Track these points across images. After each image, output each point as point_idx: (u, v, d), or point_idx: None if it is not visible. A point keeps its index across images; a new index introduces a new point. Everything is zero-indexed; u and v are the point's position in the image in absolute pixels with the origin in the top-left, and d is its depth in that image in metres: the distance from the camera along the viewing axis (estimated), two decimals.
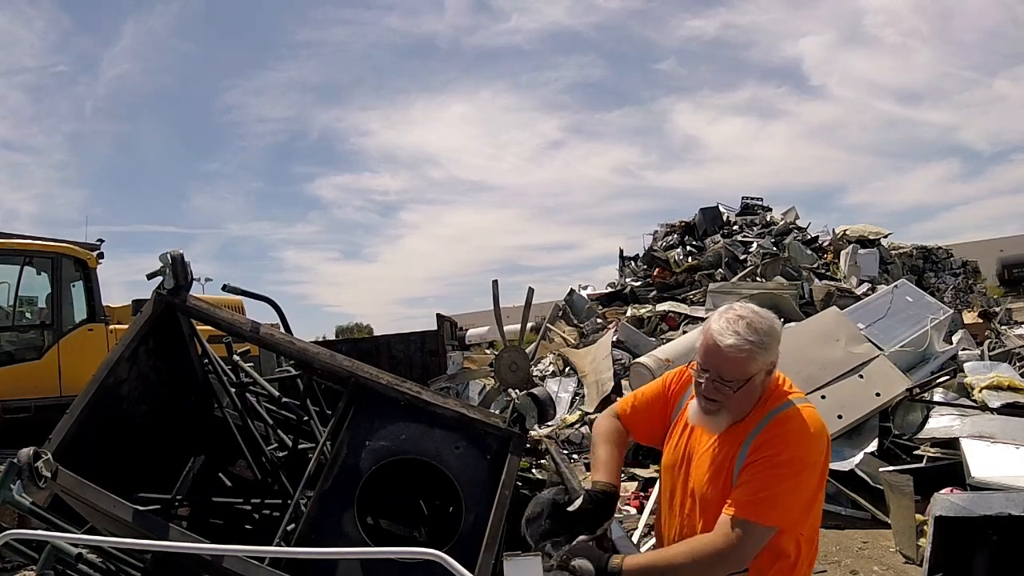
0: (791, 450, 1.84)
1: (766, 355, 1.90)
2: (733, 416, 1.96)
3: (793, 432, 1.88)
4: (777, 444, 1.86)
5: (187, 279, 3.30)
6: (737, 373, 1.89)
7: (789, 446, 1.85)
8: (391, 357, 11.06)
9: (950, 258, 17.87)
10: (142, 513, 2.67)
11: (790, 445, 1.85)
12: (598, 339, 12.48)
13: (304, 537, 2.80)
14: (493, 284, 7.57)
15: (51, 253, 8.58)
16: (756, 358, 1.88)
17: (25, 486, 2.39)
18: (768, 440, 1.88)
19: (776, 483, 1.81)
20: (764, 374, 1.94)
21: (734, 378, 1.89)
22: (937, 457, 6.18)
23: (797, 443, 1.86)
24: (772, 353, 1.92)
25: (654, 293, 15.13)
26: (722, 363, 1.89)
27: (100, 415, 3.10)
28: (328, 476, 2.94)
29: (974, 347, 9.59)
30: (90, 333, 8.51)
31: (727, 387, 1.90)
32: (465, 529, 2.84)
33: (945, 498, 4.24)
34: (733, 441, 1.96)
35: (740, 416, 1.97)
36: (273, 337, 3.37)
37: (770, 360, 1.93)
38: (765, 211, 17.93)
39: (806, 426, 1.89)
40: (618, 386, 10.22)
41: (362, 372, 3.14)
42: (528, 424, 3.01)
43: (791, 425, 1.90)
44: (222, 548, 2.58)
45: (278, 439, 4.01)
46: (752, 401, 1.96)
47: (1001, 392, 6.91)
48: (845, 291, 11.97)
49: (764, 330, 1.91)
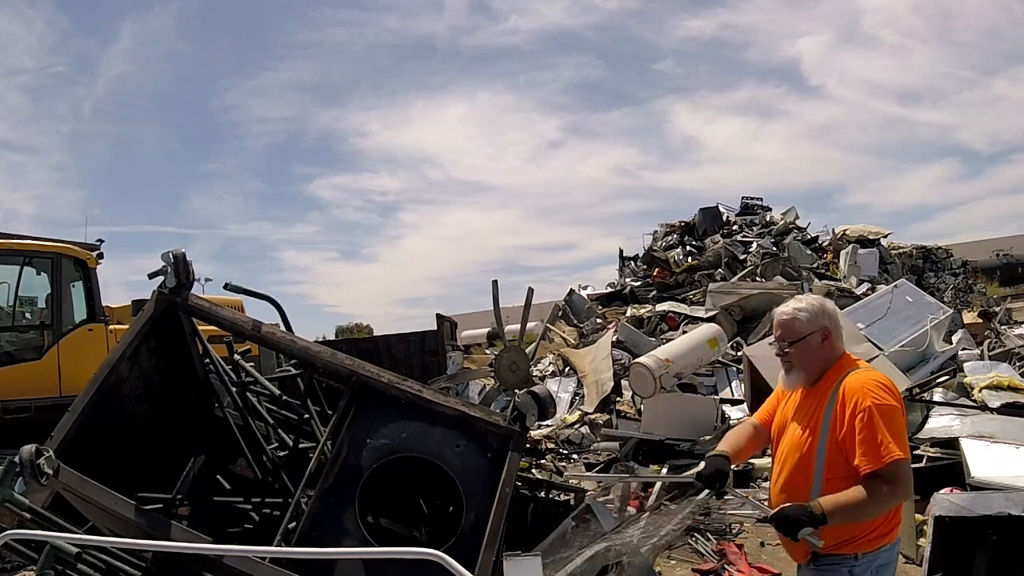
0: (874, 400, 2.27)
1: (813, 319, 2.46)
2: (804, 371, 2.49)
3: (870, 386, 2.32)
4: (862, 399, 2.28)
5: (189, 278, 3.30)
6: (788, 333, 2.49)
7: (871, 397, 2.28)
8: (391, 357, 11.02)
9: (950, 258, 17.87)
10: (144, 511, 2.68)
11: (871, 396, 2.28)
12: (598, 339, 12.48)
13: (305, 536, 2.80)
14: (493, 284, 7.55)
15: (51, 253, 8.57)
16: (801, 319, 2.47)
17: (27, 483, 2.39)
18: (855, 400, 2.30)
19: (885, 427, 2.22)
20: (819, 337, 2.46)
21: (787, 338, 2.49)
22: (937, 457, 6.17)
23: (875, 393, 2.29)
24: (819, 320, 2.46)
25: (654, 293, 15.13)
26: (779, 327, 2.54)
27: (101, 414, 3.10)
28: (329, 475, 2.94)
29: (974, 347, 9.59)
30: (90, 333, 8.49)
31: (786, 346, 2.49)
32: (465, 527, 2.84)
33: (945, 498, 4.24)
34: (817, 401, 2.44)
35: (811, 374, 2.49)
36: (274, 336, 3.37)
37: (820, 325, 2.46)
38: (765, 211, 17.94)
39: (878, 379, 2.36)
40: (618, 386, 10.21)
41: (363, 371, 3.14)
42: (528, 422, 3.01)
43: (865, 381, 2.34)
44: (223, 548, 2.59)
45: (279, 438, 4.01)
46: (815, 360, 2.47)
47: (1001, 392, 6.91)
48: (845, 291, 11.98)
49: (809, 303, 2.52)
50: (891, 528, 2.36)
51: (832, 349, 2.49)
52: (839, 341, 2.52)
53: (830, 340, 2.48)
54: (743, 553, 5.33)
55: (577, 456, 9.10)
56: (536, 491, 4.72)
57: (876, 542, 2.32)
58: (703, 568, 5.16)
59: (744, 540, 5.61)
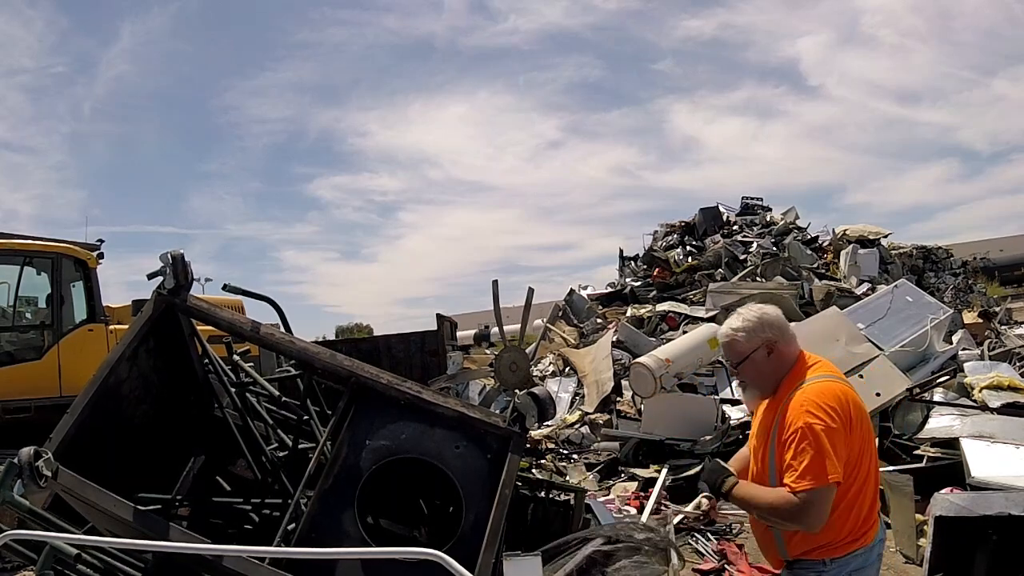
0: (805, 420, 2.26)
1: (751, 336, 2.46)
2: (758, 388, 2.53)
3: (808, 405, 2.29)
4: (795, 419, 2.28)
5: (187, 279, 3.30)
6: (732, 354, 2.52)
7: (803, 418, 2.27)
8: (391, 357, 11.03)
9: (950, 258, 17.85)
10: (143, 512, 2.67)
11: (803, 416, 2.27)
12: (598, 339, 12.46)
13: (304, 537, 2.80)
14: (493, 284, 7.55)
15: (51, 253, 8.57)
16: (739, 339, 2.48)
17: (26, 485, 2.38)
18: (790, 419, 2.31)
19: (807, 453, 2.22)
20: (764, 351, 2.46)
21: (732, 359, 2.53)
22: (937, 457, 6.18)
23: (809, 414, 2.26)
24: (759, 335, 2.45)
25: (654, 293, 15.09)
26: (723, 349, 2.59)
27: (101, 415, 3.10)
28: (328, 476, 2.94)
29: (974, 347, 9.58)
30: (90, 333, 8.49)
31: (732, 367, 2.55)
32: (465, 528, 2.84)
33: (945, 498, 4.24)
34: (770, 414, 2.47)
35: (764, 388, 2.51)
36: (273, 337, 3.36)
37: (763, 340, 2.45)
38: (765, 211, 17.90)
39: (819, 396, 2.31)
40: (618, 386, 10.20)
41: (362, 372, 3.14)
42: (528, 423, 3.00)
43: (804, 400, 2.31)
44: (222, 548, 2.58)
45: (278, 439, 4.01)
46: (765, 374, 2.48)
47: (1001, 392, 6.90)
48: (845, 291, 11.95)
49: (746, 320, 2.49)
50: (862, 534, 2.36)
51: (781, 360, 2.47)
52: (790, 346, 2.49)
53: (777, 351, 2.46)
54: (743, 553, 5.33)
55: (577, 456, 9.09)
56: (536, 491, 4.71)
57: (846, 548, 2.33)
58: (703, 568, 5.16)
59: (744, 540, 5.60)
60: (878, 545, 2.45)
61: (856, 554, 2.35)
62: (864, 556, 2.38)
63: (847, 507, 2.31)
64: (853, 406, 2.34)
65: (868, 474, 2.37)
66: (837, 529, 2.31)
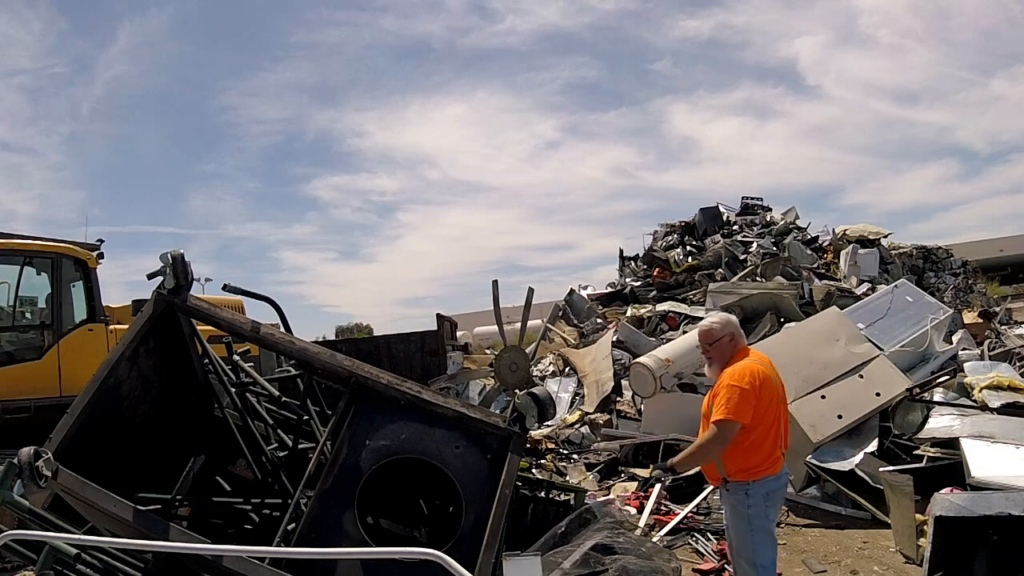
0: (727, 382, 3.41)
1: (722, 328, 3.64)
2: (718, 362, 3.61)
3: (731, 372, 3.46)
4: (723, 382, 3.45)
5: (188, 279, 3.29)
6: (707, 338, 3.67)
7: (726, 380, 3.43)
8: (391, 357, 11.02)
9: (950, 258, 17.83)
10: (143, 512, 2.67)
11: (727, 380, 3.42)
12: (598, 339, 12.47)
13: (304, 536, 2.80)
14: (493, 284, 7.49)
15: (51, 253, 8.55)
16: (715, 329, 3.65)
17: (26, 485, 2.39)
18: (721, 382, 3.46)
19: (725, 400, 3.35)
20: (727, 339, 3.62)
21: (707, 341, 3.68)
22: (937, 457, 6.18)
23: (730, 376, 3.43)
24: (726, 328, 3.64)
25: (654, 293, 15.09)
26: (701, 336, 3.73)
27: (100, 415, 3.10)
28: (328, 476, 2.94)
29: (974, 347, 9.57)
30: (90, 333, 8.48)
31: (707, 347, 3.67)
32: (465, 528, 2.83)
33: (945, 498, 4.24)
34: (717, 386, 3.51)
35: (721, 363, 3.59)
36: (273, 337, 3.36)
37: (728, 331, 3.63)
38: (765, 211, 17.89)
39: (741, 368, 3.45)
40: (618, 386, 10.20)
41: (362, 372, 3.14)
42: (528, 423, 3.00)
43: (731, 370, 3.47)
44: (221, 548, 2.58)
45: (278, 439, 4.01)
46: (724, 355, 3.61)
47: (1001, 392, 6.90)
48: (845, 291, 11.95)
49: (720, 318, 3.72)
50: (770, 464, 3.42)
51: (735, 348, 3.61)
52: (742, 340, 3.68)
53: (735, 340, 3.63)
54: None
55: (577, 456, 9.09)
56: (536, 491, 4.72)
57: (760, 473, 3.39)
58: (703, 568, 5.15)
59: None
60: (784, 475, 3.52)
61: (768, 479, 3.41)
62: (775, 481, 3.45)
63: (758, 443, 3.38)
64: (762, 378, 3.41)
65: (773, 423, 3.43)
66: (750, 457, 3.38)
